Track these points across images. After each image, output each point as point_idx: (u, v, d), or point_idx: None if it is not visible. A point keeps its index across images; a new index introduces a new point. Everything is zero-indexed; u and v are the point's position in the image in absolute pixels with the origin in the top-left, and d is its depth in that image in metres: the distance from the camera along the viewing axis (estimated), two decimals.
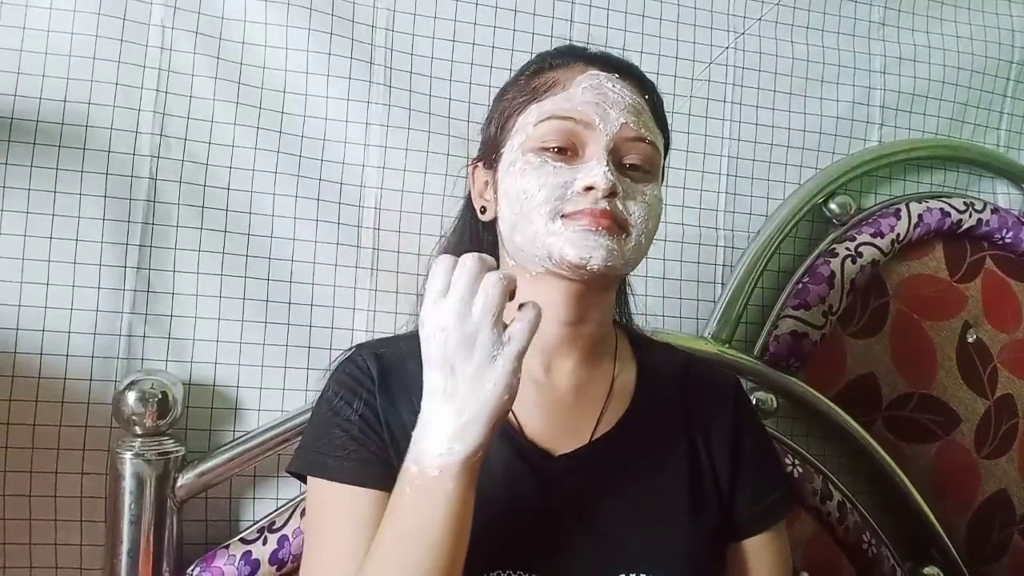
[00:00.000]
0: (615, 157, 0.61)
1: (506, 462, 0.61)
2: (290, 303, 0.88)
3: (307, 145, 0.90)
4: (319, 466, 0.61)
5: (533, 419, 0.63)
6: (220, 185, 0.87)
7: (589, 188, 0.59)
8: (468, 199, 0.71)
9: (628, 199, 0.60)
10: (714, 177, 1.05)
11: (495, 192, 0.65)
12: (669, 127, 0.69)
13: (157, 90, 0.85)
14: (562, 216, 0.59)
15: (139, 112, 0.84)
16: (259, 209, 0.88)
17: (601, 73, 0.63)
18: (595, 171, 0.59)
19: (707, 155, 1.05)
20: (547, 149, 0.60)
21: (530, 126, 0.62)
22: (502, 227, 0.64)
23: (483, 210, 0.67)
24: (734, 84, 1.06)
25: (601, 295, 0.65)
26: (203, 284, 0.86)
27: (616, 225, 0.59)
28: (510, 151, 0.63)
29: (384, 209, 0.92)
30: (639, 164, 0.62)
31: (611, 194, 0.59)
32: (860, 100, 1.12)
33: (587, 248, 0.58)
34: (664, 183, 0.68)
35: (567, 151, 0.61)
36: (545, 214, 0.59)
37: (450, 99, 0.95)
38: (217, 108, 0.87)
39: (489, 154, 0.66)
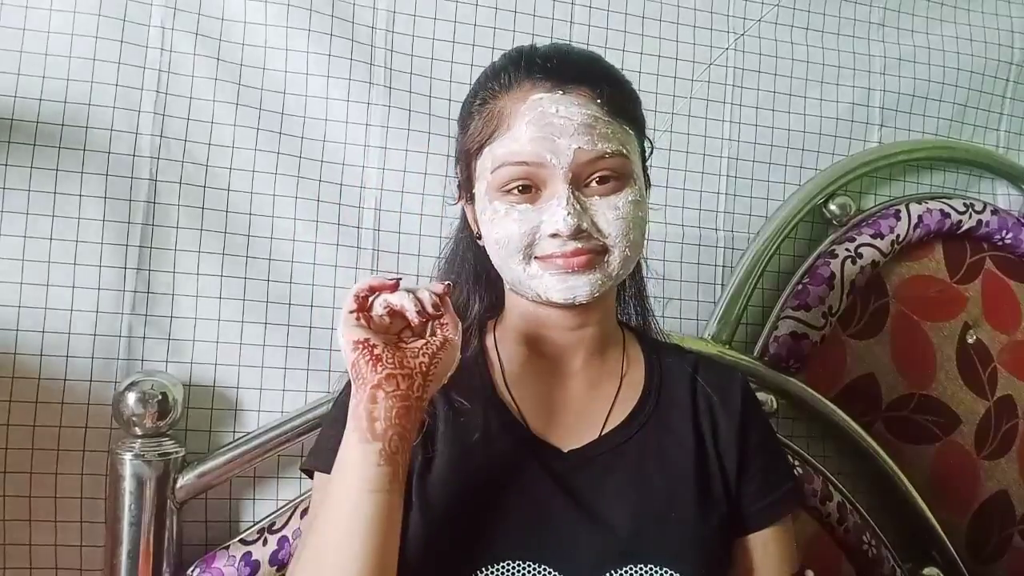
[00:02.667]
0: (578, 182, 0.60)
1: (515, 458, 0.62)
2: (290, 304, 0.88)
3: (307, 146, 0.90)
4: (321, 460, 0.63)
5: (542, 416, 0.65)
6: (220, 186, 0.87)
7: (554, 235, 0.59)
8: (464, 215, 0.70)
9: (600, 221, 0.60)
10: (714, 178, 1.05)
11: (479, 228, 0.65)
12: (638, 106, 0.65)
13: (157, 91, 0.85)
14: (536, 258, 0.60)
15: (139, 113, 0.85)
16: (259, 210, 0.88)
17: (544, 96, 0.59)
18: (556, 215, 0.58)
19: (707, 156, 1.05)
20: (509, 192, 0.60)
21: (488, 172, 0.61)
22: (493, 263, 0.65)
23: (478, 236, 0.67)
24: (734, 85, 1.06)
25: (595, 302, 0.64)
26: (203, 285, 0.86)
27: (594, 255, 0.60)
28: (480, 195, 0.63)
29: (384, 210, 0.92)
30: (607, 176, 0.60)
31: (578, 232, 0.58)
32: (860, 101, 1.12)
33: (569, 289, 0.60)
34: (657, 178, 0.68)
35: (530, 188, 0.60)
36: (520, 261, 0.61)
37: (450, 100, 0.95)
38: (217, 109, 0.87)
39: (466, 191, 0.67)
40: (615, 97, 0.62)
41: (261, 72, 0.89)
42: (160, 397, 0.79)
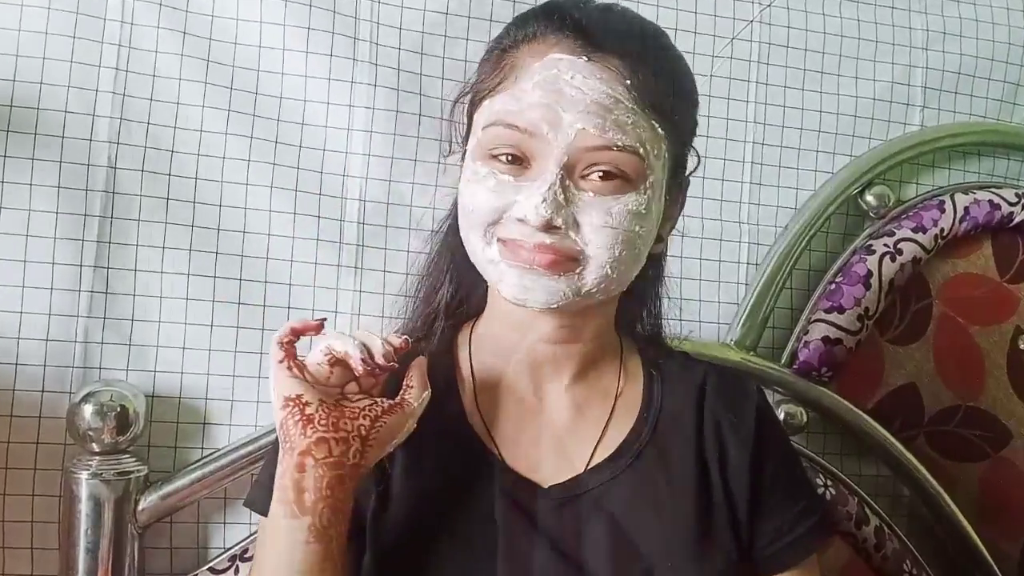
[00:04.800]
0: (573, 169, 0.53)
1: (485, 496, 0.57)
2: (265, 306, 0.85)
3: (284, 130, 0.87)
4: (260, 502, 0.58)
5: (520, 447, 0.60)
6: (187, 174, 0.84)
7: (521, 220, 0.53)
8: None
9: (583, 222, 0.53)
10: (737, 165, 1.01)
11: None
12: (686, 106, 0.58)
13: (116, 68, 0.82)
14: (499, 240, 0.55)
15: (96, 93, 0.81)
16: (230, 201, 0.85)
17: (564, 57, 0.53)
18: (530, 200, 0.52)
19: (729, 141, 1.01)
20: (496, 158, 0.54)
21: (480, 129, 0.56)
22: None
23: None
24: (760, 62, 1.02)
25: (590, 312, 0.59)
26: (168, 284, 0.83)
27: (564, 259, 0.53)
28: (469, 152, 0.58)
29: (369, 201, 0.88)
30: (611, 172, 0.53)
31: (549, 226, 0.52)
32: (900, 79, 1.07)
33: (523, 289, 0.54)
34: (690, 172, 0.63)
35: (519, 159, 0.54)
36: (481, 236, 0.55)
37: (443, 79, 0.90)
38: (183, 89, 0.84)
39: (462, 146, 0.61)
40: (652, 85, 0.54)
41: (232, 47, 0.85)
42: (119, 409, 0.77)
